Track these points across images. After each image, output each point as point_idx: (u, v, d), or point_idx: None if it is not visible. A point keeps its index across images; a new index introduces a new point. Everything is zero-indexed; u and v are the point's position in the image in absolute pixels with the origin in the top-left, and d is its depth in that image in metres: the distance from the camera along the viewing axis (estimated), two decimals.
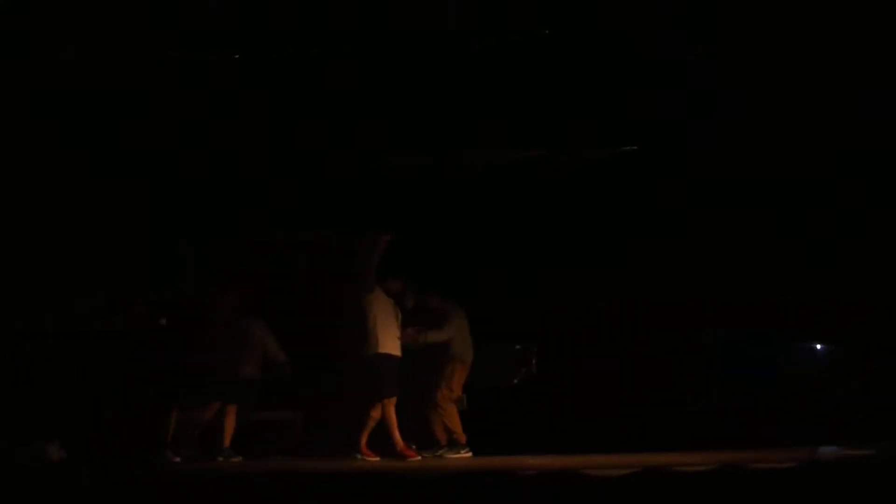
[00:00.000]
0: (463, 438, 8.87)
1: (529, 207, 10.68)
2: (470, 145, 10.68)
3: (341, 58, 10.21)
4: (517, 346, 9.82)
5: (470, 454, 8.79)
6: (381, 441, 9.20)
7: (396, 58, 10.34)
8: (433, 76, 10.38)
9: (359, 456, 8.72)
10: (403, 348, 8.80)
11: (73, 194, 10.28)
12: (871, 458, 5.74)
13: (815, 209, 10.62)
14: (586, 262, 10.89)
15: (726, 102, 10.40)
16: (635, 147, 10.91)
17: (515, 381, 10.06)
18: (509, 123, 10.53)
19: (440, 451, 8.99)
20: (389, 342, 8.75)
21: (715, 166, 10.78)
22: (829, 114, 10.17)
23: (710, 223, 10.90)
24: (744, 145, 10.56)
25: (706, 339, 10.65)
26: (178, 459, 8.52)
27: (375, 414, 8.73)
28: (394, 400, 8.69)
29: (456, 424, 8.92)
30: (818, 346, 10.08)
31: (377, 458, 8.65)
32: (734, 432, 8.82)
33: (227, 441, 8.77)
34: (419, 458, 8.69)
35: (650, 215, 11.03)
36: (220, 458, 8.67)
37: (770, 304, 10.77)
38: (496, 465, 6.98)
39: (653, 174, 11.00)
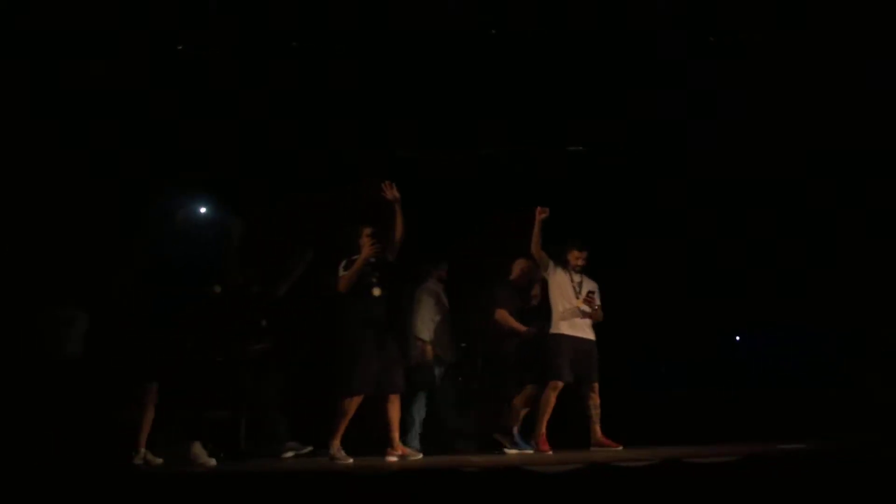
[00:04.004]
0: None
1: (527, 207, 10.68)
2: (469, 144, 10.70)
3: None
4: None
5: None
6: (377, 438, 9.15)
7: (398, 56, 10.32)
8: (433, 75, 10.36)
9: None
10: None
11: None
12: (801, 452, 5.72)
13: (815, 209, 10.58)
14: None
15: (726, 102, 10.34)
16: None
17: None
18: (509, 122, 10.54)
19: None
20: (564, 322, 8.76)
21: (715, 166, 10.76)
22: (829, 114, 10.11)
23: (710, 223, 10.89)
24: (744, 145, 10.52)
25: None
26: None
27: (549, 400, 8.57)
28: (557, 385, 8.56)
29: None
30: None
31: (550, 451, 8.45)
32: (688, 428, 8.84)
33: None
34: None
35: (650, 215, 11.03)
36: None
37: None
38: (439, 464, 6.95)
39: (653, 174, 11.00)
